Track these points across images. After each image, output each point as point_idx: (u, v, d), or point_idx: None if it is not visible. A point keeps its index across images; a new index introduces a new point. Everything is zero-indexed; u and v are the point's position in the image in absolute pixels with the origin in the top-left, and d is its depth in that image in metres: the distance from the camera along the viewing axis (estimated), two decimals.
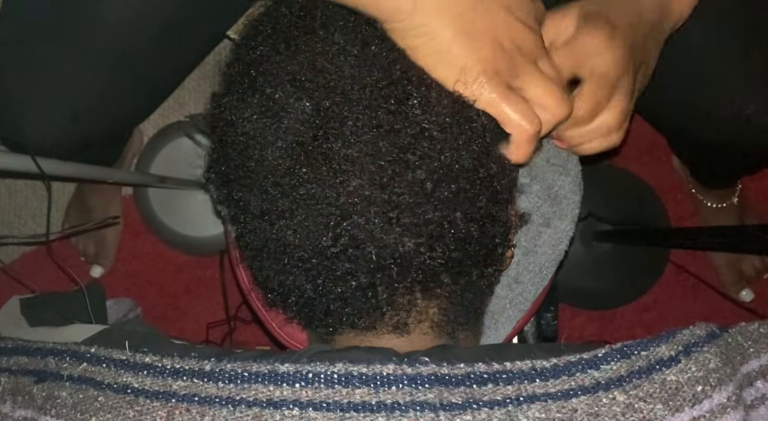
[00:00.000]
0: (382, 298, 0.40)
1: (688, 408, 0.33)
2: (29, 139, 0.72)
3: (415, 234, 0.39)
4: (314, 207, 0.39)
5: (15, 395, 0.39)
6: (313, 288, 0.41)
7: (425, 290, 0.41)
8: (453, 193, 0.39)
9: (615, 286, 1.27)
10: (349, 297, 0.40)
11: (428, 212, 0.39)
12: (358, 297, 0.40)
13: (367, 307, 0.41)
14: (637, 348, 0.35)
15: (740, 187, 1.23)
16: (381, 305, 0.41)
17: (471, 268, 0.42)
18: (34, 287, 0.97)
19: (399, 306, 0.41)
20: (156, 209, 1.24)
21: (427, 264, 0.40)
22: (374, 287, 0.40)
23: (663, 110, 0.84)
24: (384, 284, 0.40)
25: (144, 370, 0.37)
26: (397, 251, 0.39)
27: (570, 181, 0.61)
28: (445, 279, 0.41)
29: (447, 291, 0.42)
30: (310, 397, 0.34)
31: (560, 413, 0.33)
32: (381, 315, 0.41)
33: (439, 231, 0.39)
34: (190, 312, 1.28)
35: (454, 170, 0.40)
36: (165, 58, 0.77)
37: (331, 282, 0.40)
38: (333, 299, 0.41)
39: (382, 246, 0.39)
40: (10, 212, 1.31)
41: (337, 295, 0.41)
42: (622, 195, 1.27)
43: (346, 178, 0.38)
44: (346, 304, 0.41)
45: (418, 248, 0.39)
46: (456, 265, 0.41)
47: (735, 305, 1.25)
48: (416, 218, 0.39)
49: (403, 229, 0.39)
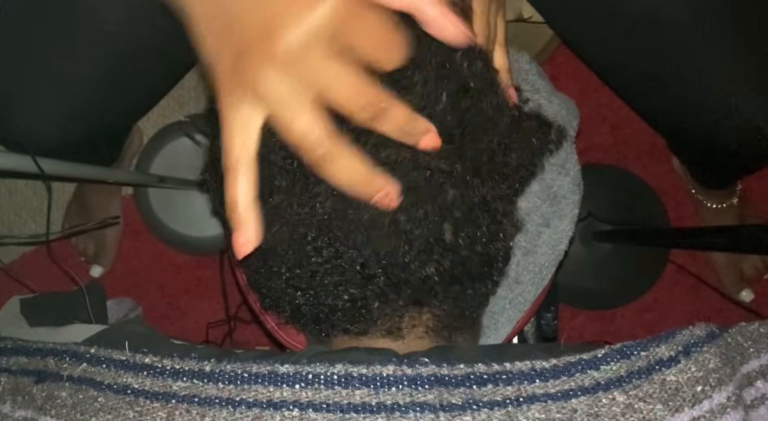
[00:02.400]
0: (374, 308, 0.40)
1: (688, 408, 0.33)
2: (29, 139, 0.72)
3: (404, 247, 0.38)
4: (292, 218, 0.37)
5: (15, 395, 0.39)
6: (303, 298, 0.41)
7: (417, 302, 0.40)
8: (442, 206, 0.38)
9: (615, 286, 1.27)
10: (339, 307, 0.40)
11: (416, 225, 0.37)
12: (348, 308, 0.40)
13: (357, 316, 0.40)
14: (636, 348, 0.35)
15: (740, 187, 1.23)
16: (372, 314, 0.40)
17: (466, 281, 0.41)
18: (34, 287, 0.97)
19: (391, 314, 0.41)
20: (156, 209, 1.24)
21: (418, 277, 0.39)
22: (365, 299, 0.39)
23: (662, 110, 0.84)
24: (375, 296, 0.39)
25: (144, 370, 0.37)
26: (386, 263, 0.38)
27: (569, 181, 0.61)
28: (438, 291, 0.40)
29: (440, 300, 0.41)
30: (310, 398, 0.34)
31: (560, 413, 0.33)
32: (373, 322, 0.41)
33: (428, 244, 0.38)
34: (190, 312, 1.28)
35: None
36: (163, 56, 0.77)
37: (323, 293, 0.40)
38: (323, 309, 0.41)
39: (369, 259, 0.38)
40: (10, 212, 1.31)
41: (328, 306, 0.40)
42: (622, 195, 1.27)
43: (321, 191, 0.37)
44: (337, 313, 0.40)
45: (408, 261, 0.38)
46: (449, 278, 0.40)
47: (735, 305, 1.25)
48: (403, 230, 0.38)
49: (389, 241, 0.37)
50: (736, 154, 0.85)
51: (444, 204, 0.38)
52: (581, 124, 0.66)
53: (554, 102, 0.63)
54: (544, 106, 0.63)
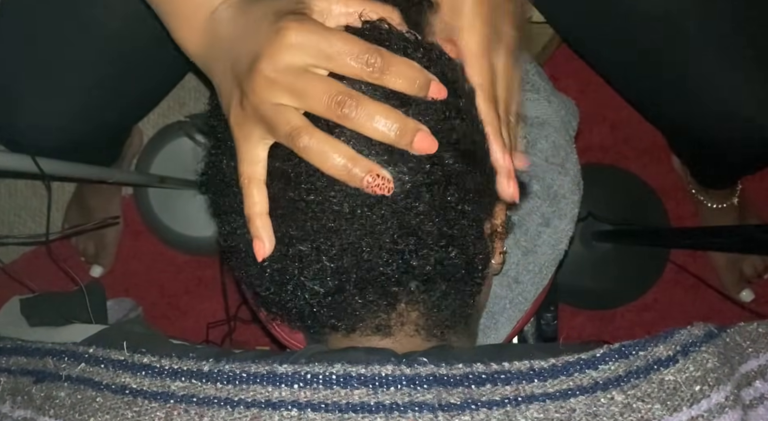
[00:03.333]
0: (353, 302, 0.40)
1: (686, 408, 0.33)
2: (29, 139, 0.72)
3: (369, 244, 0.38)
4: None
5: (14, 395, 0.39)
6: (284, 293, 0.41)
7: (393, 297, 0.41)
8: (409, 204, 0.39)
9: (615, 286, 1.27)
10: (319, 302, 0.40)
11: (378, 223, 0.38)
12: (328, 302, 0.40)
13: (340, 310, 0.41)
14: (635, 348, 0.35)
15: (740, 187, 1.23)
16: (355, 308, 0.40)
17: (446, 280, 0.41)
18: (34, 287, 0.97)
19: (375, 309, 0.41)
20: (156, 209, 1.24)
21: (388, 273, 0.39)
22: (342, 292, 0.40)
23: (663, 110, 0.84)
24: (351, 290, 0.40)
25: (142, 370, 0.37)
26: (356, 259, 0.39)
27: (569, 180, 0.61)
28: (412, 287, 0.40)
29: (421, 298, 0.41)
30: (309, 398, 0.34)
31: (558, 413, 0.33)
32: (359, 318, 0.41)
33: (392, 243, 0.38)
34: (190, 312, 1.29)
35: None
36: (163, 57, 0.77)
37: (300, 288, 0.40)
38: (304, 304, 0.41)
39: (340, 251, 0.39)
40: (10, 212, 1.31)
41: (306, 300, 0.41)
42: (622, 195, 1.27)
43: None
44: (319, 307, 0.41)
45: (374, 257, 0.39)
46: (420, 275, 0.40)
47: (735, 305, 1.25)
48: (368, 228, 0.38)
49: (357, 238, 0.38)
50: (736, 154, 0.85)
51: (409, 209, 0.38)
52: (581, 124, 0.66)
53: (554, 102, 0.63)
54: (544, 106, 0.63)
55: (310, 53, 0.37)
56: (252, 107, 0.39)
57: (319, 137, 0.37)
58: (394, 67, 0.38)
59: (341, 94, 0.37)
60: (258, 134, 0.39)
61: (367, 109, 0.37)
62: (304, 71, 0.38)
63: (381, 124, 0.37)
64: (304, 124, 0.38)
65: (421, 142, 0.37)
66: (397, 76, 0.38)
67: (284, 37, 0.37)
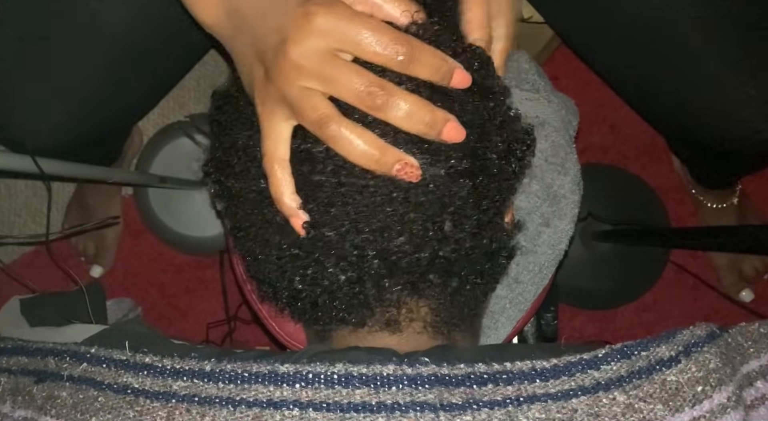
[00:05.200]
0: (370, 293, 0.40)
1: (688, 408, 0.33)
2: (29, 139, 0.72)
3: (398, 231, 0.39)
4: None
5: (15, 395, 0.39)
6: (301, 280, 0.41)
7: (413, 288, 0.41)
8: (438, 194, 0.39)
9: (615, 286, 1.27)
10: (336, 290, 0.40)
11: (410, 210, 0.39)
12: (345, 292, 0.40)
13: (355, 302, 0.41)
14: (637, 348, 0.35)
15: (740, 187, 1.23)
16: (369, 300, 0.41)
17: (463, 271, 0.41)
18: (34, 287, 0.97)
19: (388, 303, 0.41)
20: (156, 209, 1.24)
21: (413, 262, 0.39)
22: (362, 282, 0.40)
23: (662, 110, 0.84)
24: (371, 279, 0.40)
25: (144, 370, 0.37)
26: (382, 246, 0.39)
27: (569, 180, 0.61)
28: (433, 279, 0.41)
29: (436, 292, 0.42)
30: (310, 397, 0.34)
31: (560, 413, 0.33)
32: (371, 311, 0.41)
33: (423, 230, 0.39)
34: (190, 312, 1.29)
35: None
36: (163, 56, 0.77)
37: (320, 274, 0.40)
38: (321, 292, 0.41)
39: (365, 239, 0.39)
40: (10, 212, 1.31)
41: (325, 288, 0.41)
42: (622, 195, 1.27)
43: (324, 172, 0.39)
44: (335, 298, 0.41)
45: (402, 245, 0.39)
46: (444, 266, 0.40)
47: (735, 305, 1.25)
48: (399, 214, 0.39)
49: (385, 224, 0.38)
50: (736, 154, 0.85)
51: (446, 196, 0.39)
52: (581, 124, 0.66)
53: (554, 101, 0.63)
54: (543, 106, 0.63)
55: (338, 39, 0.37)
56: (277, 89, 0.39)
57: (348, 126, 0.37)
58: (423, 57, 0.38)
59: (373, 84, 0.37)
60: (282, 114, 0.39)
61: (398, 100, 0.37)
62: (332, 57, 0.37)
63: (411, 115, 0.37)
64: (332, 112, 0.38)
65: (449, 131, 0.38)
66: (424, 65, 0.38)
67: (312, 22, 0.37)
